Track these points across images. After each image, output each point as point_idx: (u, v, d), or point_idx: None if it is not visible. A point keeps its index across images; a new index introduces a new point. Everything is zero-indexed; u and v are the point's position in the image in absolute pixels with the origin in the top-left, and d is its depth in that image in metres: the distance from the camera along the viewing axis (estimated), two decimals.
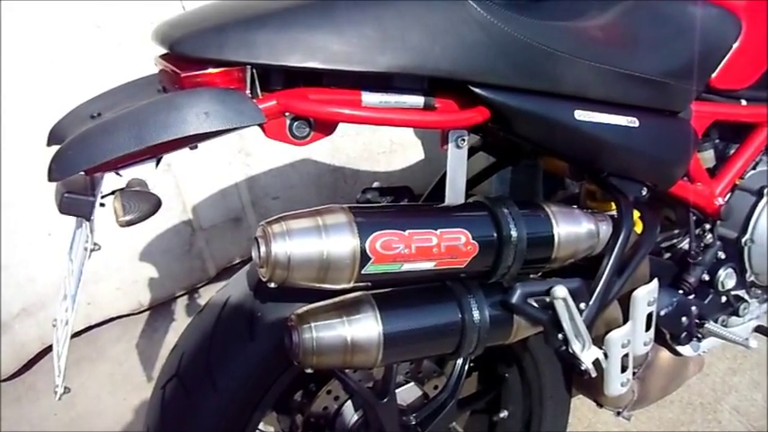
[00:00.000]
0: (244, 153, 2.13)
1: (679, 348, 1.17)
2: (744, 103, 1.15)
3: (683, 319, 1.13)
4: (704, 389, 1.62)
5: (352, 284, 0.77)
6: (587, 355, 0.88)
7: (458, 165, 0.91)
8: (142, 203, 0.71)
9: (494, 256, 0.83)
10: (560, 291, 0.85)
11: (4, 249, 1.85)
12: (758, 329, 1.21)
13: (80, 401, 1.87)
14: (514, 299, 0.85)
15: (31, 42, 1.72)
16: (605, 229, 0.94)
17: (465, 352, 0.85)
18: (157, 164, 0.83)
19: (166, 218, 2.08)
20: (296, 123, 0.79)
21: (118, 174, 0.76)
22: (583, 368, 0.88)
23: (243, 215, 2.24)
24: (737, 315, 1.24)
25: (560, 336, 0.89)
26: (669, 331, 1.14)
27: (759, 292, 1.25)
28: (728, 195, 1.15)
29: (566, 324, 0.87)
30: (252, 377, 0.92)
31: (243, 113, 0.73)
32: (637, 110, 0.97)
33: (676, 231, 1.22)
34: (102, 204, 0.76)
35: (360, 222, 0.75)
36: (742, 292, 1.22)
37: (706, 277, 1.16)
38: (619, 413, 1.20)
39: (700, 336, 1.14)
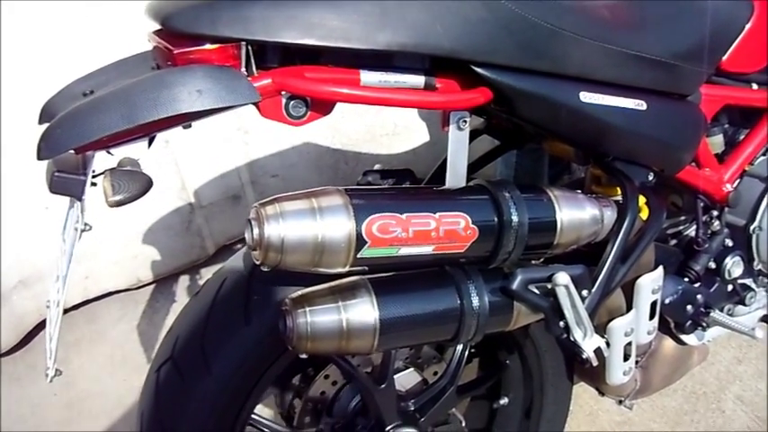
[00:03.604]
0: (243, 131, 2.11)
1: (683, 337, 1.15)
2: (755, 86, 1.12)
3: (688, 307, 1.11)
4: (708, 378, 1.60)
5: (347, 269, 0.75)
6: (589, 343, 0.86)
7: (459, 147, 0.88)
8: (132, 183, 0.68)
9: (494, 240, 0.81)
10: (562, 277, 0.82)
11: (2, 222, 1.84)
12: (765, 319, 1.19)
13: (80, 382, 1.86)
14: (515, 285, 0.83)
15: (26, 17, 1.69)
16: (609, 215, 0.92)
17: (464, 339, 0.83)
18: (150, 143, 0.81)
19: (165, 195, 2.07)
20: (292, 102, 0.77)
21: (109, 153, 0.74)
22: (584, 357, 0.86)
23: (242, 193, 2.22)
24: (744, 304, 1.22)
25: (562, 323, 0.87)
26: (673, 320, 1.12)
27: (766, 280, 1.23)
28: (737, 182, 1.12)
29: (567, 312, 0.85)
30: (247, 362, 0.90)
31: (236, 92, 0.70)
32: (645, 92, 0.94)
33: (683, 218, 1.20)
34: (93, 184, 0.74)
35: (356, 205, 0.73)
36: (749, 281, 1.20)
37: (712, 265, 1.13)
38: (621, 402, 1.19)
39: (705, 325, 1.11)
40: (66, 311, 2.08)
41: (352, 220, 0.72)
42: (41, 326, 1.99)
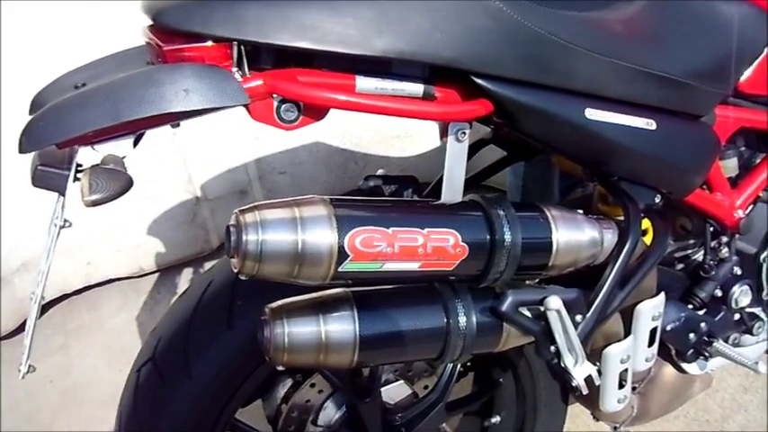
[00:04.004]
0: (252, 126, 2.09)
1: (684, 366, 1.10)
2: None
3: (691, 335, 1.07)
4: (712, 405, 1.55)
5: (327, 282, 0.72)
6: (580, 370, 0.83)
7: (457, 159, 0.85)
8: (111, 182, 0.66)
9: (485, 260, 0.78)
10: (554, 302, 0.79)
11: (3, 205, 1.84)
12: None
13: (76, 370, 1.87)
14: (504, 307, 0.80)
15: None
16: (610, 238, 0.88)
17: (449, 358, 0.80)
18: (136, 142, 0.79)
19: (171, 187, 2.07)
20: (284, 106, 0.75)
21: (93, 149, 0.72)
22: (574, 384, 0.83)
23: (249, 188, 2.21)
24: (751, 333, 1.17)
25: (552, 348, 0.84)
26: (675, 347, 1.08)
27: None
28: (750, 208, 1.08)
29: (558, 337, 0.82)
30: (228, 367, 0.89)
31: (225, 93, 0.68)
32: (655, 111, 0.90)
33: (691, 242, 1.15)
34: (77, 179, 0.73)
35: (340, 216, 0.70)
36: (758, 310, 1.15)
37: (719, 293, 1.09)
38: (615, 429, 1.15)
39: (707, 354, 1.07)
40: (67, 296, 2.09)
41: (334, 233, 0.69)
42: (43, 311, 2.00)
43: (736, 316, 1.13)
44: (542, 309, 0.81)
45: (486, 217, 0.79)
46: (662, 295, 0.95)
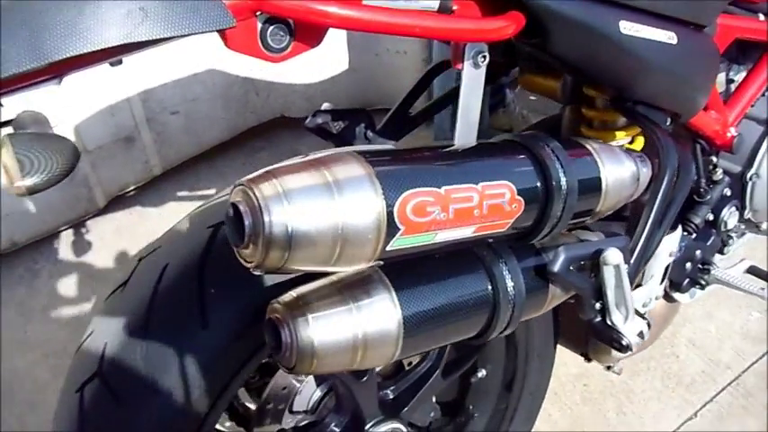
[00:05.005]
0: (134, 56, 1.75)
1: (677, 295, 1.05)
2: (761, 17, 1.00)
3: (687, 264, 1.01)
4: None
5: (368, 265, 0.54)
6: (631, 326, 0.73)
7: (473, 90, 0.70)
8: (50, 155, 0.43)
9: (538, 212, 0.64)
10: (614, 256, 0.67)
11: None
12: (751, 270, 1.12)
13: None
14: (557, 266, 0.67)
15: None
16: (645, 172, 0.77)
17: (496, 331, 0.66)
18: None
19: None
20: (271, 28, 0.57)
21: None
22: (624, 343, 0.73)
23: (136, 134, 1.88)
24: (722, 253, 1.14)
25: (597, 305, 0.72)
26: (671, 279, 1.02)
27: (742, 227, 1.16)
28: (738, 126, 1.02)
29: (610, 292, 0.70)
30: (206, 378, 0.68)
31: (200, 12, 0.48)
32: (673, 24, 0.80)
33: None
34: None
35: (382, 176, 0.52)
36: (733, 230, 1.12)
37: (710, 217, 1.03)
38: (609, 368, 1.09)
39: (704, 283, 1.02)
40: None
41: (380, 198, 0.51)
42: None
43: (721, 239, 1.08)
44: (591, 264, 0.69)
45: (536, 160, 0.64)
46: (679, 229, 0.87)
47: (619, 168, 0.72)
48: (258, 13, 0.55)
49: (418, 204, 0.53)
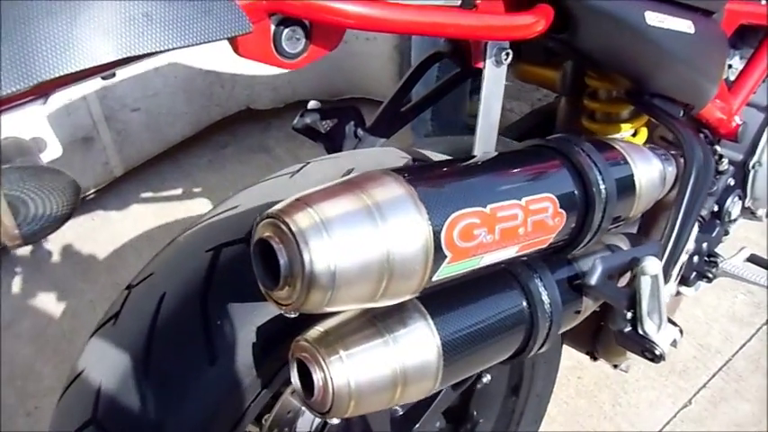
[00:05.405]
0: None
1: (682, 289, 1.03)
2: (763, 2, 0.97)
3: (695, 258, 0.99)
4: None
5: (410, 297, 0.48)
6: (663, 335, 0.69)
7: (495, 88, 0.65)
8: (50, 194, 0.35)
9: (577, 223, 0.59)
10: (653, 266, 0.63)
11: None
12: (751, 259, 1.11)
13: None
14: (595, 279, 0.62)
15: None
16: (672, 170, 0.73)
17: (534, 350, 0.61)
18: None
19: None
20: (285, 32, 0.51)
21: None
22: (657, 353, 0.69)
23: (94, 133, 1.76)
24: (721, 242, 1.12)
25: (629, 315, 0.68)
26: (681, 274, 0.99)
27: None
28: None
29: (645, 301, 0.66)
30: (215, 419, 0.62)
31: (214, 17, 0.43)
32: (690, 11, 0.76)
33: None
34: None
35: (426, 196, 0.46)
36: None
37: (715, 208, 1.01)
38: (616, 366, 1.06)
39: (711, 276, 1.00)
40: None
41: (426, 223, 0.45)
42: None
43: (724, 229, 1.06)
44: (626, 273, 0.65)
45: (573, 167, 0.59)
46: (696, 225, 0.84)
47: (649, 168, 0.68)
48: (272, 13, 0.48)
49: (465, 227, 0.47)
